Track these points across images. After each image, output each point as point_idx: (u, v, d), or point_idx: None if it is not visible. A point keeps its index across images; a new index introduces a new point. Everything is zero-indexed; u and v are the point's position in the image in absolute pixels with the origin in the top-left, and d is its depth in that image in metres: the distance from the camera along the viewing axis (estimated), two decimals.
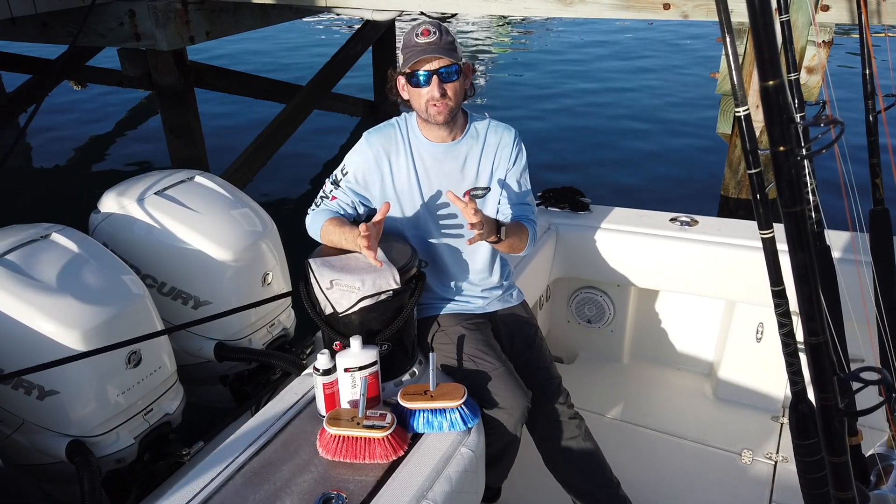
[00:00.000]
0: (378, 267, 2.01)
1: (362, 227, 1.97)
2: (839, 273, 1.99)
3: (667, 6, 4.15)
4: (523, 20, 15.65)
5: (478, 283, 2.37)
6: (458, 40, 2.11)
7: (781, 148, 0.90)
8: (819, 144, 0.94)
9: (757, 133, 4.23)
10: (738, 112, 1.18)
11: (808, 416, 1.25)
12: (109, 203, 2.69)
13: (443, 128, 2.17)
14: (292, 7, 5.78)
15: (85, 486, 2.09)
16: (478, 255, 2.32)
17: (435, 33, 2.03)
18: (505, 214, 2.29)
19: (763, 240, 1.24)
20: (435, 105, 2.08)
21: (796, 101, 1.90)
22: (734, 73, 1.17)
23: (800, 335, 1.27)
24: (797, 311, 1.10)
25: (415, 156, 2.22)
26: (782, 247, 1.24)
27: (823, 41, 3.86)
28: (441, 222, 2.26)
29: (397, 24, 8.25)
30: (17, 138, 5.76)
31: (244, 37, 7.47)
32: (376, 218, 2.06)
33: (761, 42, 0.87)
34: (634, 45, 13.48)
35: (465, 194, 2.22)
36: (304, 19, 10.77)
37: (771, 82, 0.88)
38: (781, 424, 3.02)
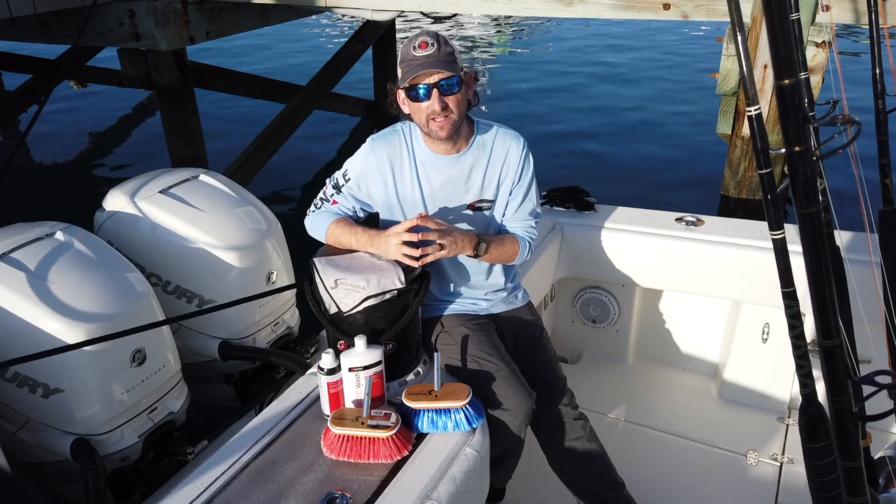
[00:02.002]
0: (382, 257, 2.03)
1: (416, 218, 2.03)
2: (848, 273, 1.98)
3: (667, 6, 4.15)
4: (523, 20, 15.64)
5: (482, 287, 2.36)
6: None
7: (797, 148, 0.89)
8: (832, 144, 0.94)
9: (748, 134, 4.26)
10: (750, 111, 1.17)
11: (819, 419, 1.24)
12: (114, 201, 2.69)
13: (446, 140, 2.14)
14: (292, 7, 5.78)
15: (89, 485, 2.09)
16: (481, 263, 2.29)
17: (433, 45, 1.99)
18: (504, 228, 2.29)
19: (774, 241, 1.22)
20: (436, 119, 2.04)
21: (806, 100, 1.88)
22: (746, 71, 1.16)
23: (809, 336, 1.26)
24: (806, 312, 1.09)
25: (418, 166, 2.19)
26: (791, 247, 1.24)
27: (824, 41, 3.87)
28: None
29: (397, 24, 8.25)
30: (21, 139, 5.76)
31: (244, 36, 7.48)
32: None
33: (777, 40, 0.86)
34: (634, 45, 13.48)
35: (468, 207, 2.22)
36: (304, 19, 10.76)
37: (786, 81, 0.87)
38: (787, 425, 3.02)
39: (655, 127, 8.77)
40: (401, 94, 2.11)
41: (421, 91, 2.02)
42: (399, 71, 2.06)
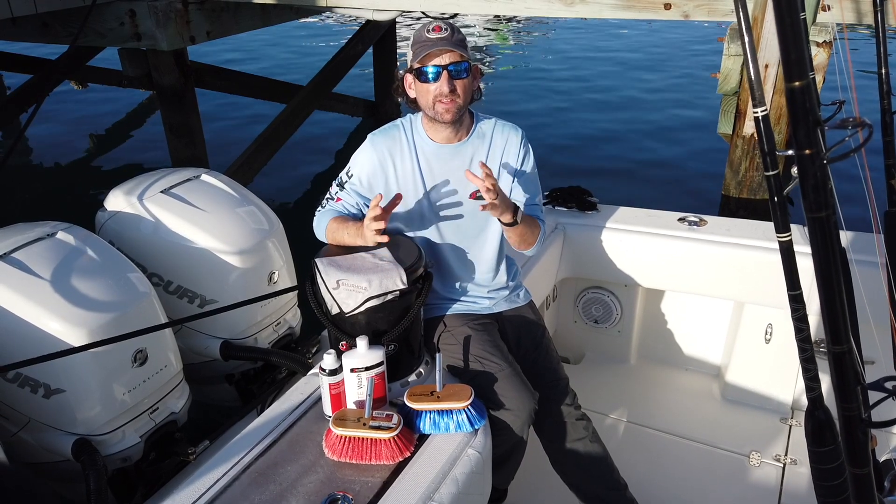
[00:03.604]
0: (384, 258, 2.03)
1: (374, 202, 2.00)
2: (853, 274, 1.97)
3: (668, 6, 4.14)
4: (524, 20, 15.63)
5: (484, 284, 2.36)
6: None
7: (807, 151, 0.88)
8: (842, 147, 0.92)
9: (749, 133, 4.23)
10: (757, 113, 1.15)
11: (825, 422, 1.22)
12: (116, 201, 2.67)
13: (448, 128, 2.15)
14: (292, 7, 5.77)
15: (91, 485, 2.08)
16: (483, 255, 2.31)
17: (446, 30, 2.03)
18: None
19: (780, 243, 1.21)
20: (443, 101, 2.05)
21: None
22: (753, 72, 1.15)
23: (813, 337, 1.24)
24: (811, 312, 1.07)
25: (419, 157, 2.20)
26: (796, 247, 1.23)
27: (825, 41, 3.86)
28: (446, 223, 2.25)
29: (398, 24, 8.24)
30: (18, 138, 5.76)
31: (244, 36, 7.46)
32: (385, 205, 2.05)
33: (788, 41, 0.85)
34: (635, 45, 13.48)
35: (470, 196, 2.22)
36: (304, 19, 10.73)
37: (797, 83, 0.86)
38: (790, 426, 3.01)
39: (656, 126, 8.76)
40: (408, 78, 2.13)
41: (430, 72, 2.04)
42: (409, 53, 2.08)
